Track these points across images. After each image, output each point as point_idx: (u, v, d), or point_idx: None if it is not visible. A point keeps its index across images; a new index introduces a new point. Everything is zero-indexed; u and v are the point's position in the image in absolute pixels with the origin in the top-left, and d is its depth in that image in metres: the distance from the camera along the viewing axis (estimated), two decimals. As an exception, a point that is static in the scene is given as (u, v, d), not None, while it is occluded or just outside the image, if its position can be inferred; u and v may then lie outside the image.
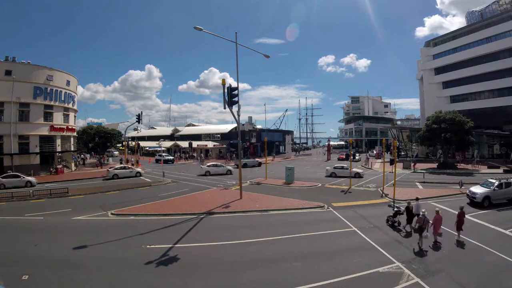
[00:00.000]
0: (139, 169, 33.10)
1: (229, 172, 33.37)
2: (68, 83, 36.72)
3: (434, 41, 60.43)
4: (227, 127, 66.04)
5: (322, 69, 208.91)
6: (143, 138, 76.84)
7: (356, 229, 13.23)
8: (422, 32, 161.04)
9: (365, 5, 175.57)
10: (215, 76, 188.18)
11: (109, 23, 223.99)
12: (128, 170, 31.82)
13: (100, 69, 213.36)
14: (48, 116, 33.92)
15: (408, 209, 12.86)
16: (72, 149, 39.21)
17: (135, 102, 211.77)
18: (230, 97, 17.76)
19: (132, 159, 42.75)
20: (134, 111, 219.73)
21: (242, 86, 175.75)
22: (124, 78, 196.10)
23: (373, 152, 62.98)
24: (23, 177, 26.27)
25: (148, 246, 11.00)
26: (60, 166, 34.74)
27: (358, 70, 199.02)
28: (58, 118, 35.13)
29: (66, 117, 36.81)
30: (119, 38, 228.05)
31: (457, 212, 12.02)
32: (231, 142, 60.91)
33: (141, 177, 30.95)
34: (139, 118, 34.93)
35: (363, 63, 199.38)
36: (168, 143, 63.79)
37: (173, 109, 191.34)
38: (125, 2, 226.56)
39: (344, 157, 52.88)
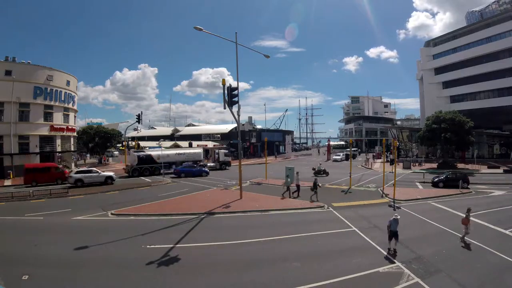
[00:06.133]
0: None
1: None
2: (68, 83, 36.80)
3: (434, 41, 60.47)
4: (227, 127, 66.09)
5: (321, 69, 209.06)
6: (143, 138, 76.82)
7: (356, 229, 13.23)
8: (422, 31, 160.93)
9: (364, 5, 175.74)
10: (214, 76, 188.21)
11: (108, 23, 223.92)
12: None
13: (97, 70, 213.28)
14: (48, 116, 33.99)
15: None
16: (72, 149, 39.26)
17: (131, 103, 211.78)
18: (230, 97, 17.73)
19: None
20: (130, 111, 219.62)
21: (242, 85, 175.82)
22: (121, 78, 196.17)
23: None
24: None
25: (148, 246, 10.99)
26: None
27: (357, 70, 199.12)
28: (58, 118, 35.20)
29: (66, 117, 36.88)
30: (118, 38, 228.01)
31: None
32: (231, 142, 60.93)
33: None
34: (139, 118, 34.93)
35: (362, 63, 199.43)
36: (168, 143, 63.81)
37: (171, 109, 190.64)
38: (125, 3, 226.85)
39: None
